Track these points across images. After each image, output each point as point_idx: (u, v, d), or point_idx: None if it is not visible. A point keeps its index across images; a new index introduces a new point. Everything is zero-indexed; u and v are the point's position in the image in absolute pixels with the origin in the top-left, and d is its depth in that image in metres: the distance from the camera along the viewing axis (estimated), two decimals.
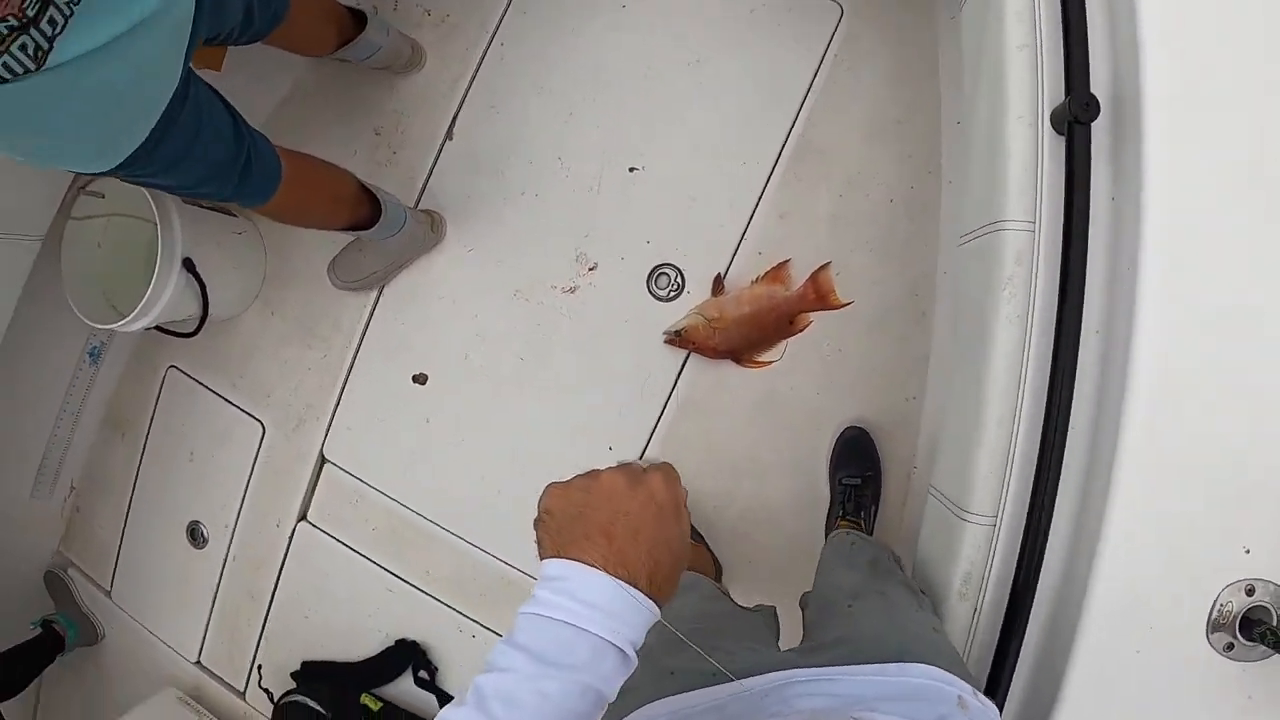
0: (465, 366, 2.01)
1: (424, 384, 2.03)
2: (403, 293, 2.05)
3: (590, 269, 1.97)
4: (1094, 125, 1.05)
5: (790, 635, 1.31)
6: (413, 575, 2.08)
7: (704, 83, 1.96)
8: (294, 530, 2.14)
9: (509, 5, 2.02)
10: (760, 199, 1.93)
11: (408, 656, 2.08)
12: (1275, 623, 0.95)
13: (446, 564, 2.05)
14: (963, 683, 0.87)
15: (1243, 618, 0.96)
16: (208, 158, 1.29)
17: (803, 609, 1.40)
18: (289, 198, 1.51)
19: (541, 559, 0.67)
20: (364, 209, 1.74)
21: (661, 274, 1.96)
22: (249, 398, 2.17)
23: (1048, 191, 1.10)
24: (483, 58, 2.02)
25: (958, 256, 1.35)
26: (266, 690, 2.17)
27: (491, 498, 2.01)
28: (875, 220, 1.92)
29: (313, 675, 2.14)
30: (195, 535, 2.24)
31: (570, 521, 0.67)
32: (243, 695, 2.24)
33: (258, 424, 2.15)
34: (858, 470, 1.87)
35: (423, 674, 2.08)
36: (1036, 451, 1.06)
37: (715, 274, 1.93)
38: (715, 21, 1.96)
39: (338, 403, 2.08)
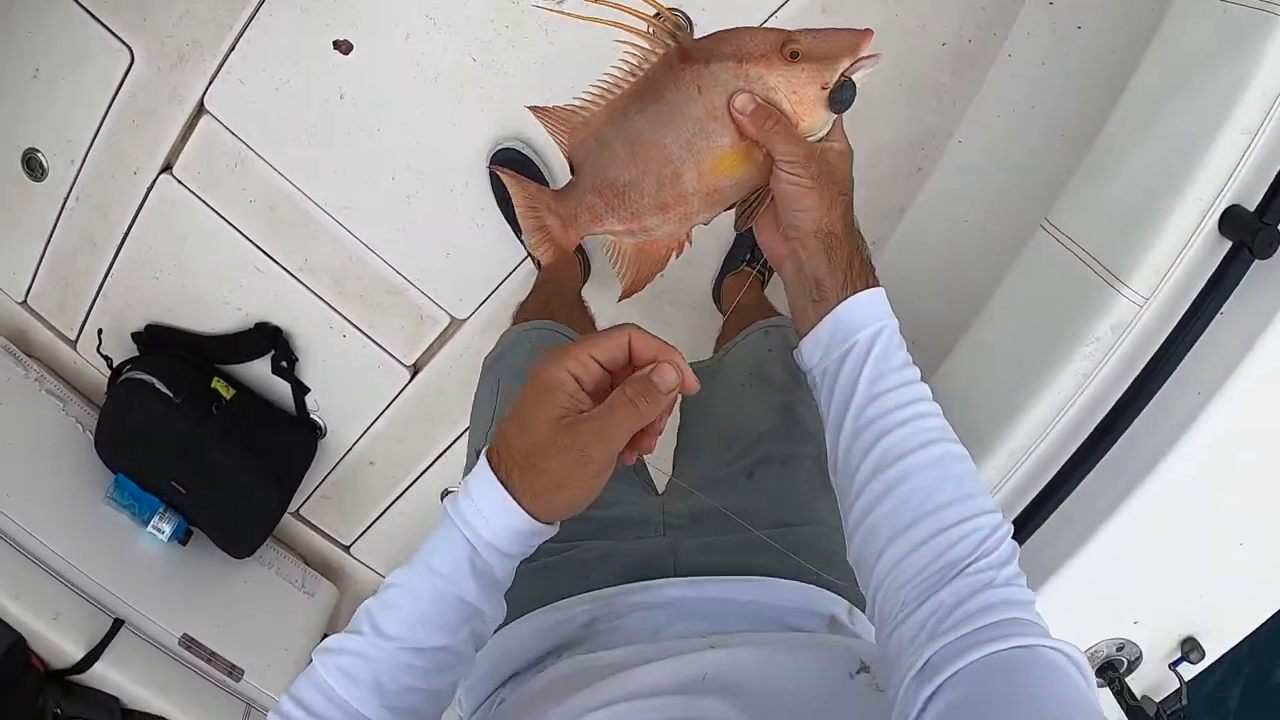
0: (402, 47, 1.76)
1: (346, 54, 1.79)
2: None
3: None
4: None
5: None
6: (287, 259, 1.94)
7: None
8: (154, 181, 1.90)
9: None
10: None
11: (269, 342, 1.99)
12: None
13: (329, 256, 1.93)
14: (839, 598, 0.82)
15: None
16: None
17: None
18: None
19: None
20: None
21: None
22: (121, 18, 1.84)
23: (1173, 283, 0.98)
24: None
25: (1040, 239, 1.16)
26: (106, 356, 2.01)
27: (395, 200, 1.87)
28: (916, 55, 1.69)
29: (159, 341, 2.00)
30: (32, 165, 1.96)
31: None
32: (74, 344, 2.08)
33: (126, 51, 1.85)
34: None
35: (283, 362, 2.00)
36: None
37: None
38: None
39: (232, 47, 1.81)
